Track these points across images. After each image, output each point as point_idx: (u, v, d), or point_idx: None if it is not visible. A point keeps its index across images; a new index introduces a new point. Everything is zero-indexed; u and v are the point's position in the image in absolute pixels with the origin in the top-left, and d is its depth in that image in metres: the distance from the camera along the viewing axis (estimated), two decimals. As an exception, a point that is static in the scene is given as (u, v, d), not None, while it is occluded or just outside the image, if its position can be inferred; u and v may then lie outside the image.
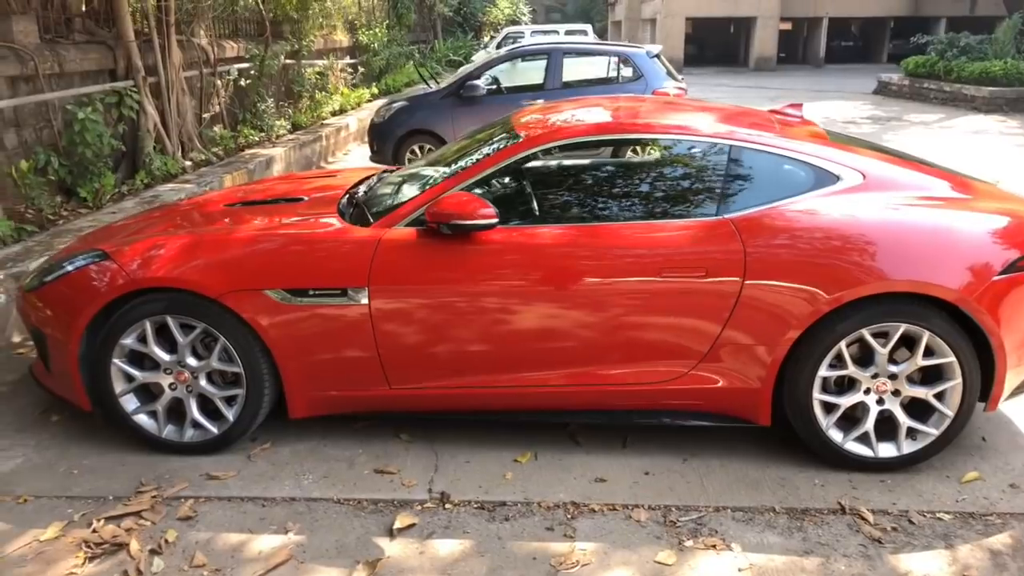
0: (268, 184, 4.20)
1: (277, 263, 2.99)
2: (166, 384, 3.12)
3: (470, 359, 3.02)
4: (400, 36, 19.25)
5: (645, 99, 3.92)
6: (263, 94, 10.10)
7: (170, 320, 3.02)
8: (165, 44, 7.50)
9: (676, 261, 2.86)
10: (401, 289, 2.95)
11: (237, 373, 3.08)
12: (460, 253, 2.93)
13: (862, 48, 40.35)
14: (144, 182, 6.82)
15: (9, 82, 5.80)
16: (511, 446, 3.22)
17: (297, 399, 3.11)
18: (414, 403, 3.14)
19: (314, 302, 2.97)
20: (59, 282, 3.15)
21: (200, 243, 3.06)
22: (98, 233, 3.70)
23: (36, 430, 3.39)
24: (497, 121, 3.91)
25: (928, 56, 20.29)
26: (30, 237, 5.10)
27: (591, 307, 2.92)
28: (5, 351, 4.25)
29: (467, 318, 2.96)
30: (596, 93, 8.84)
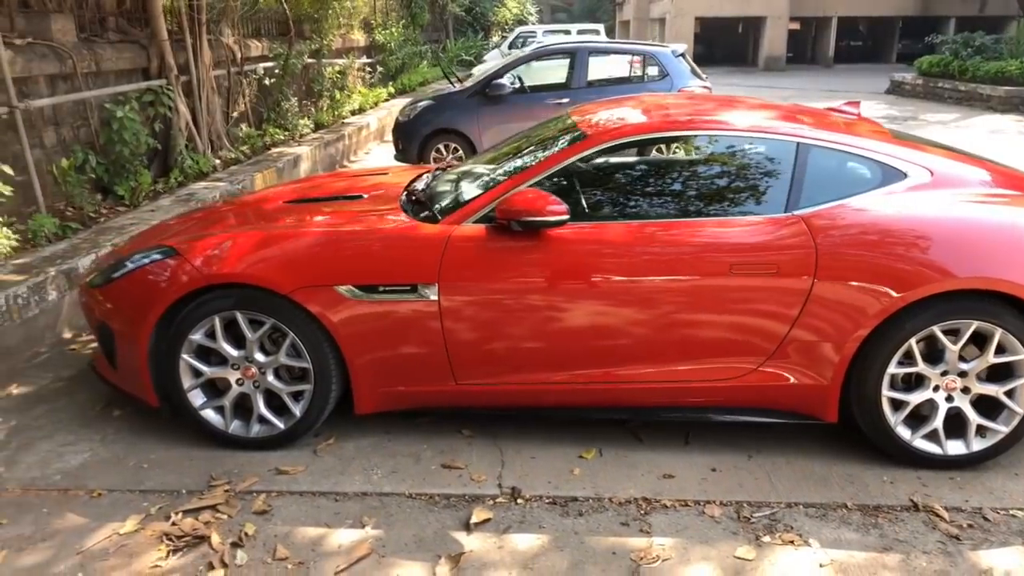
0: (320, 182, 4.22)
1: (348, 259, 3.00)
2: (233, 379, 3.14)
3: (537, 355, 3.03)
4: (414, 36, 19.28)
5: (703, 97, 3.93)
6: (287, 93, 10.12)
7: (239, 316, 3.04)
8: (196, 43, 7.53)
9: (746, 258, 2.88)
10: (470, 285, 2.96)
11: (305, 368, 3.10)
12: (529, 249, 2.95)
13: (871, 48, 40.28)
14: (178, 180, 6.85)
15: (48, 80, 5.82)
16: (574, 442, 3.23)
17: (364, 394, 3.13)
18: (479, 399, 3.15)
19: (384, 298, 2.98)
20: (128, 278, 3.17)
21: (270, 240, 3.08)
22: (157, 230, 3.72)
23: (100, 425, 3.41)
24: (552, 119, 3.92)
25: (942, 56, 20.26)
26: (75, 234, 5.13)
27: (660, 304, 2.93)
28: (57, 347, 4.28)
29: (535, 314, 2.97)
30: (622, 92, 8.84)
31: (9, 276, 4.24)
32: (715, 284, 2.90)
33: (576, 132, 3.29)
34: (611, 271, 2.93)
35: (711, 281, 2.90)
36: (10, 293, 3.99)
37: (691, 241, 2.93)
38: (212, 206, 4.07)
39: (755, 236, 2.90)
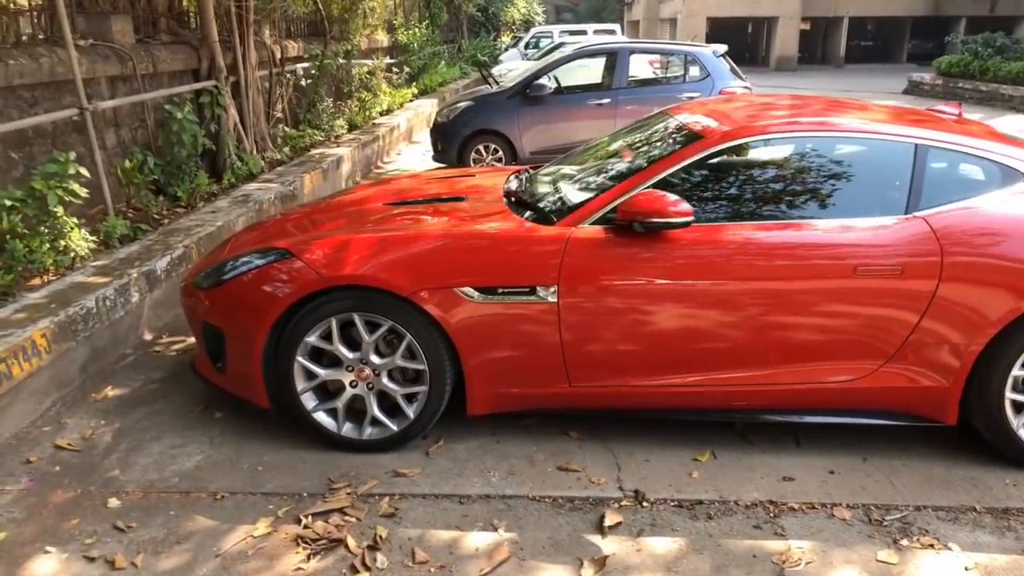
0: (408, 184, 4.21)
1: (468, 261, 3.00)
2: (347, 381, 3.14)
3: (654, 357, 3.03)
4: (433, 36, 19.28)
5: (801, 97, 3.92)
6: (322, 94, 10.12)
7: (357, 318, 3.03)
8: (244, 44, 7.52)
9: (871, 260, 2.87)
10: (590, 287, 2.96)
11: (419, 370, 3.10)
12: (650, 251, 2.95)
13: (881, 48, 40.27)
14: (230, 181, 6.85)
15: (109, 82, 5.83)
16: (686, 444, 3.23)
17: (478, 396, 3.12)
18: (592, 401, 3.15)
19: (502, 299, 2.98)
20: (240, 280, 3.17)
21: (388, 242, 3.07)
22: (254, 232, 3.71)
23: (204, 427, 3.41)
24: (649, 119, 3.92)
25: (962, 56, 20.23)
26: (144, 236, 5.12)
27: (782, 306, 2.93)
28: (142, 349, 4.28)
29: (654, 316, 2.97)
30: (664, 92, 8.86)
31: (93, 278, 4.23)
32: (839, 286, 2.89)
33: (688, 132, 3.29)
34: (732, 273, 2.93)
35: (835, 283, 2.89)
36: (99, 295, 3.99)
37: (814, 243, 2.92)
38: (303, 208, 4.06)
39: (879, 238, 2.89)
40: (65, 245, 4.52)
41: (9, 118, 4.74)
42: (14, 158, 4.83)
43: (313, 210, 3.85)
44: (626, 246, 2.96)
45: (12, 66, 4.66)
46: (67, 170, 4.60)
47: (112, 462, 3.13)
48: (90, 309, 3.89)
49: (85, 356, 3.88)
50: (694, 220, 2.91)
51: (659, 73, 9.46)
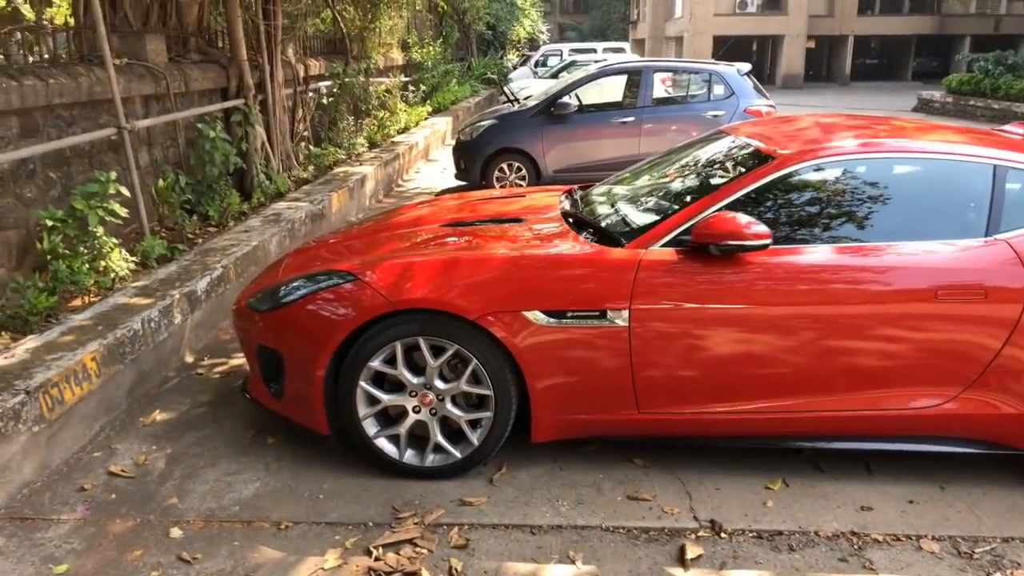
0: (458, 205, 4.14)
1: (536, 284, 2.94)
2: (410, 407, 3.07)
3: (726, 383, 2.96)
4: (445, 54, 19.34)
5: (866, 118, 3.87)
6: (343, 112, 10.11)
7: (422, 342, 2.97)
8: (271, 63, 7.50)
9: (953, 283, 2.80)
10: (662, 311, 2.89)
11: (484, 396, 3.02)
12: (724, 274, 2.88)
13: (886, 66, 40.42)
14: (260, 200, 6.80)
15: (143, 101, 5.80)
16: (755, 472, 3.15)
17: (543, 422, 3.05)
18: (661, 428, 3.08)
19: (571, 323, 2.91)
20: (301, 304, 3.10)
21: (454, 265, 3.01)
22: (304, 254, 3.64)
23: (258, 453, 3.34)
24: (707, 138, 3.87)
25: (972, 74, 20.27)
26: (181, 256, 5.06)
27: (860, 330, 2.86)
28: (184, 371, 4.21)
29: (728, 340, 2.90)
30: (689, 110, 8.85)
31: (136, 299, 4.17)
32: (919, 311, 2.83)
33: (756, 153, 3.24)
34: (808, 297, 2.87)
35: (915, 308, 2.83)
36: (145, 317, 3.93)
37: (893, 266, 2.86)
38: (351, 229, 4.00)
39: (961, 261, 2.83)
40: (105, 266, 4.47)
41: (48, 137, 4.70)
42: (52, 177, 4.78)
43: (364, 231, 3.79)
44: (699, 268, 2.89)
45: (52, 85, 4.62)
46: (107, 190, 4.56)
47: (168, 489, 3.06)
48: (136, 331, 3.83)
49: (132, 379, 3.81)
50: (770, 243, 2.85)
51: (670, 91, 9.42)
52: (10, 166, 4.35)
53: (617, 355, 2.93)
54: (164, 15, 6.57)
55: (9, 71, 4.37)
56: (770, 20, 35.01)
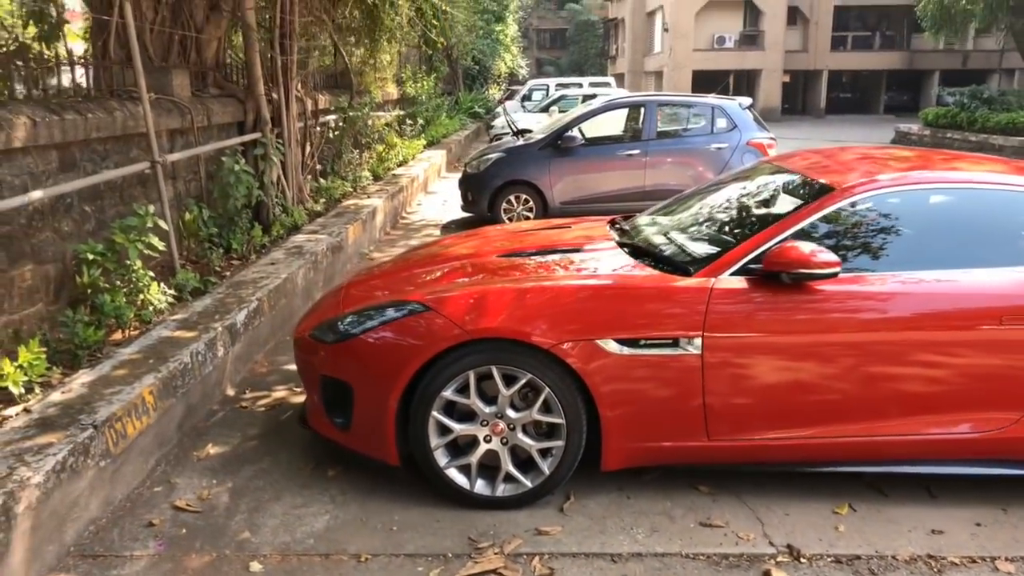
0: (507, 235, 4.18)
1: (611, 313, 2.99)
2: (481, 436, 3.08)
3: (797, 409, 3.01)
4: (435, 89, 19.54)
5: (910, 149, 3.99)
6: (348, 145, 10.17)
7: (495, 371, 2.99)
8: (287, 97, 7.56)
9: (1016, 308, 2.89)
10: (734, 338, 2.95)
11: (555, 424, 3.05)
12: (794, 301, 2.95)
13: (859, 99, 41.38)
14: (278, 233, 6.81)
15: (169, 135, 5.81)
16: (819, 496, 3.19)
17: (613, 451, 3.07)
18: (730, 455, 3.11)
19: (644, 352, 2.96)
20: (374, 333, 3.12)
21: (529, 294, 3.05)
22: (366, 283, 3.67)
23: (321, 485, 3.32)
24: (752, 170, 3.97)
25: (948, 107, 20.84)
26: (214, 289, 5.05)
27: (927, 356, 2.94)
28: (228, 404, 4.18)
29: (798, 368, 2.97)
30: (692, 143, 9.01)
31: (179, 333, 4.15)
32: (985, 337, 2.91)
33: (813, 183, 3.33)
34: (875, 323, 2.94)
35: (981, 334, 2.91)
36: (192, 350, 3.91)
37: (958, 292, 2.95)
38: (402, 261, 4.02)
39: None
40: (143, 299, 4.45)
41: (84, 171, 4.69)
42: (88, 211, 4.77)
43: (418, 262, 3.82)
44: (769, 296, 2.96)
45: (91, 120, 4.63)
46: (146, 223, 4.56)
47: (239, 523, 3.03)
48: (186, 364, 3.81)
49: (182, 413, 3.78)
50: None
51: (674, 125, 9.57)
52: (49, 200, 4.34)
53: (689, 383, 2.98)
54: (184, 50, 6.63)
55: (49, 105, 4.38)
56: (748, 55, 35.80)
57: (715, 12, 35.48)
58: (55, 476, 2.76)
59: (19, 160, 4.09)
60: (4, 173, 3.98)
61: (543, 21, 59.27)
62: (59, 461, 2.79)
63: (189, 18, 6.59)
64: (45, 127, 4.19)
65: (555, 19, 59.35)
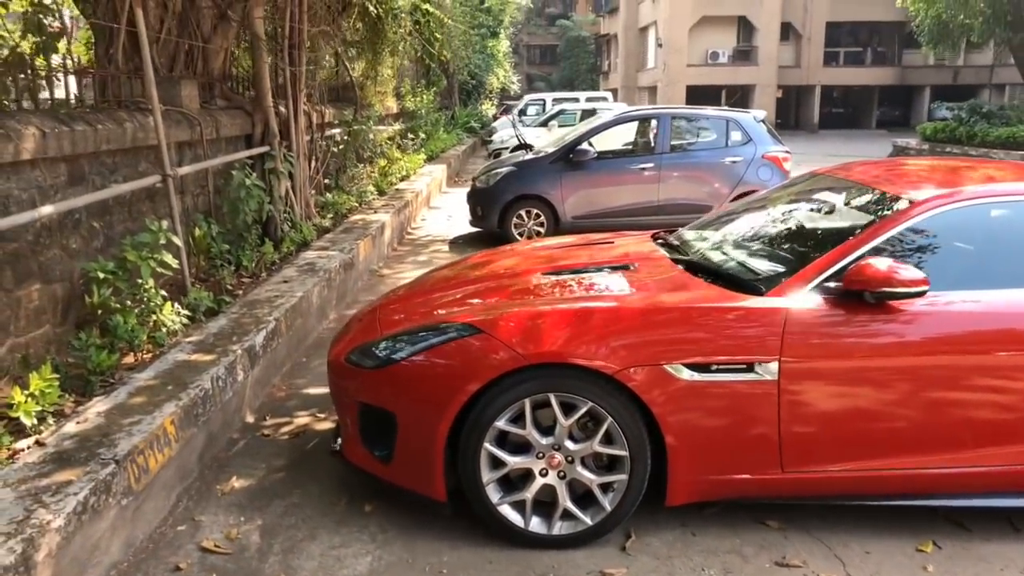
0: (548, 251, 3.95)
1: (679, 336, 2.77)
2: (537, 470, 2.84)
3: (878, 440, 2.80)
4: (434, 103, 19.39)
5: (966, 160, 3.81)
6: (353, 159, 9.95)
7: (553, 399, 2.76)
8: (295, 110, 7.34)
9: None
10: (813, 362, 2.74)
11: (617, 457, 2.82)
12: (878, 322, 2.74)
13: (852, 115, 41.55)
14: (288, 249, 6.56)
15: (178, 147, 5.57)
16: (899, 533, 2.97)
17: (680, 484, 2.84)
18: (803, 488, 2.89)
19: (716, 377, 2.74)
20: (420, 358, 2.88)
21: (588, 316, 2.83)
22: (401, 304, 3.44)
23: (358, 523, 3.07)
24: (807, 182, 3.77)
25: (946, 122, 20.84)
26: (228, 308, 4.80)
27: (1017, 379, 2.72)
28: (248, 432, 3.92)
29: (881, 394, 2.75)
30: (708, 157, 8.84)
31: (196, 356, 3.90)
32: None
33: (880, 195, 3.14)
34: (965, 345, 2.75)
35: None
36: (213, 375, 3.66)
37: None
38: (438, 280, 3.78)
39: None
40: (155, 320, 4.20)
41: (93, 185, 4.45)
42: (96, 227, 4.52)
43: (457, 282, 3.58)
44: (850, 317, 2.75)
45: (101, 131, 4.39)
46: (159, 240, 4.32)
47: (273, 567, 2.78)
48: (207, 391, 3.56)
49: (203, 443, 3.53)
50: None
51: (688, 138, 9.40)
52: (58, 216, 4.09)
53: (764, 411, 2.75)
54: (191, 60, 6.41)
55: (58, 116, 4.14)
56: (741, 70, 35.91)
57: (709, 27, 35.60)
58: (76, 518, 2.50)
59: (27, 173, 3.85)
60: (11, 187, 3.73)
61: (533, 37, 59.41)
62: (80, 501, 2.53)
63: (196, 28, 6.38)
64: (54, 138, 3.95)
65: (545, 35, 59.51)
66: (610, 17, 45.46)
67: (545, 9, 60.06)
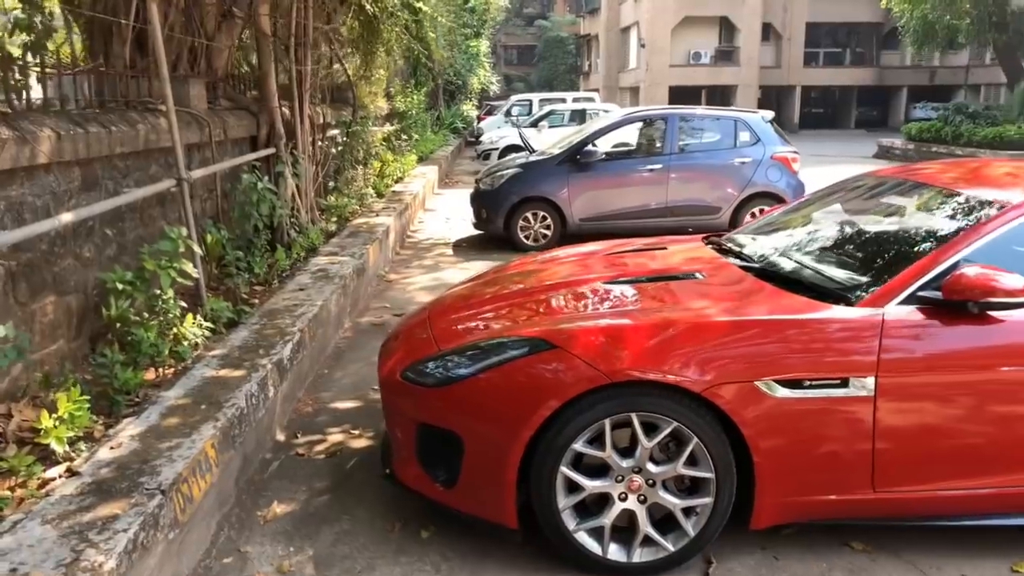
0: (602, 259, 3.74)
1: (770, 350, 2.60)
2: (616, 494, 2.66)
3: (976, 457, 2.65)
4: (424, 103, 19.15)
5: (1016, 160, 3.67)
6: (352, 161, 9.71)
7: (635, 418, 2.58)
8: (301, 111, 7.09)
9: None
10: (912, 376, 2.58)
11: (703, 479, 2.64)
12: (980, 334, 2.60)
13: (831, 115, 41.86)
14: (298, 255, 6.32)
15: (187, 150, 5.31)
16: (991, 553, 2.82)
17: (767, 507, 2.67)
18: (893, 508, 2.74)
19: (809, 394, 2.57)
20: (489, 375, 2.68)
21: (670, 329, 2.65)
22: (453, 314, 3.25)
23: (418, 551, 2.87)
24: (876, 184, 3.62)
25: (932, 121, 20.99)
26: (248, 319, 4.56)
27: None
28: (282, 451, 3.70)
29: (983, 407, 2.60)
30: (717, 158, 8.72)
31: (225, 372, 3.67)
32: None
33: (964, 196, 3.00)
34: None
35: None
36: (246, 391, 3.44)
37: None
38: (484, 287, 3.59)
39: None
40: (176, 333, 3.96)
41: (106, 190, 4.20)
42: (108, 235, 4.26)
43: (507, 290, 3.39)
44: (950, 328, 2.60)
45: (115, 133, 4.14)
46: (179, 247, 4.08)
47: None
48: (243, 409, 3.34)
49: (239, 465, 3.31)
50: (1017, 297, 2.57)
51: (697, 139, 9.26)
52: (72, 223, 3.83)
53: (858, 429, 2.59)
54: (194, 59, 6.14)
55: (72, 117, 3.89)
56: (723, 71, 36.03)
57: (691, 28, 35.66)
58: (127, 558, 2.28)
59: (42, 179, 3.59)
60: (26, 193, 3.48)
61: (511, 38, 59.14)
62: (131, 538, 2.31)
63: (201, 25, 6.11)
64: (70, 141, 3.70)
65: (524, 36, 59.33)
66: (591, 17, 45.40)
67: (523, 9, 59.89)
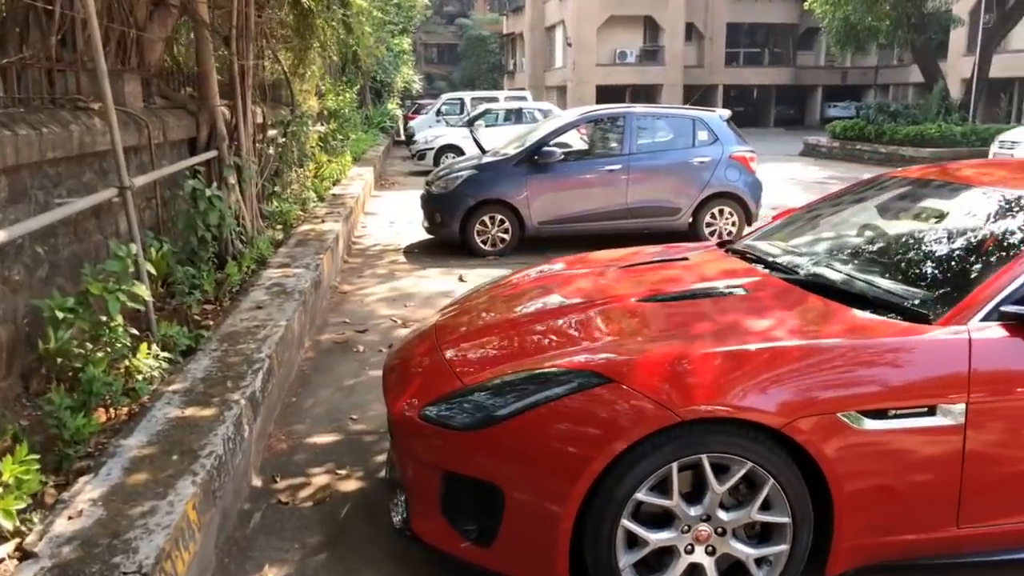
0: (621, 273, 3.37)
1: (851, 377, 2.30)
2: (682, 547, 2.32)
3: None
4: (354, 102, 18.50)
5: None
6: (291, 163, 9.12)
7: (706, 461, 2.25)
8: (243, 109, 6.52)
9: None
10: (1004, 402, 2.33)
11: (777, 524, 2.33)
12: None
13: (752, 113, 42.84)
14: (248, 268, 5.77)
15: (124, 154, 4.72)
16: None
17: (844, 549, 2.38)
18: (975, 544, 2.49)
19: (894, 425, 2.29)
20: (534, 416, 2.30)
21: (742, 358, 2.31)
22: (474, 339, 2.86)
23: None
24: (914, 185, 3.38)
25: (855, 120, 21.55)
26: (206, 345, 4.04)
27: None
28: (262, 500, 3.22)
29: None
30: (675, 157, 8.53)
31: (190, 411, 3.17)
32: None
33: (1014, 198, 2.79)
34: None
35: None
36: (220, 434, 2.96)
37: None
38: (495, 305, 3.20)
39: None
40: (127, 366, 3.43)
41: (36, 201, 3.62)
42: (39, 253, 3.68)
43: (528, 313, 3.01)
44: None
45: (46, 136, 3.57)
46: (127, 267, 3.55)
47: None
48: (220, 457, 2.86)
49: (218, 523, 2.82)
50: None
51: (654, 138, 9.04)
52: (0, 242, 3.26)
53: (946, 460, 2.33)
54: (123, 53, 5.51)
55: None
56: (648, 70, 36.39)
57: (616, 27, 35.87)
58: (111, 673, 1.81)
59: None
60: (-56, 208, 2.91)
61: (432, 36, 58.45)
62: (113, 648, 1.83)
63: (129, 14, 5.49)
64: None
65: (444, 34, 58.82)
66: (515, 16, 45.22)
67: (443, 8, 59.30)
